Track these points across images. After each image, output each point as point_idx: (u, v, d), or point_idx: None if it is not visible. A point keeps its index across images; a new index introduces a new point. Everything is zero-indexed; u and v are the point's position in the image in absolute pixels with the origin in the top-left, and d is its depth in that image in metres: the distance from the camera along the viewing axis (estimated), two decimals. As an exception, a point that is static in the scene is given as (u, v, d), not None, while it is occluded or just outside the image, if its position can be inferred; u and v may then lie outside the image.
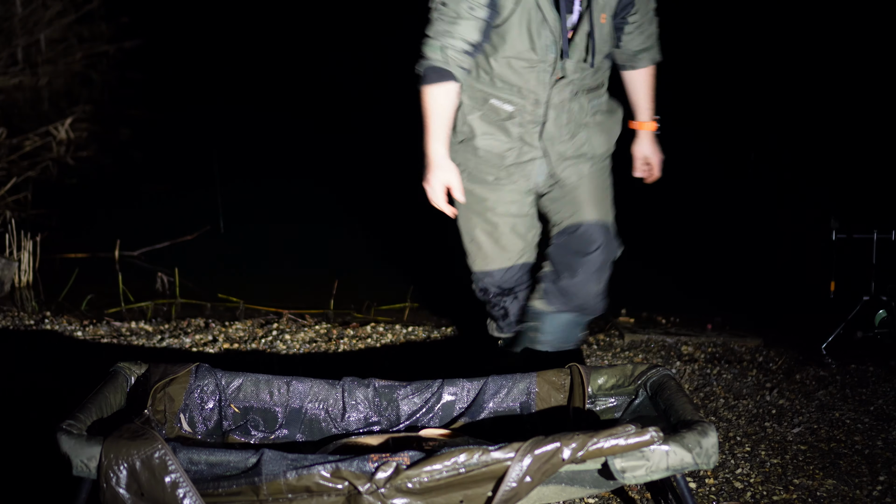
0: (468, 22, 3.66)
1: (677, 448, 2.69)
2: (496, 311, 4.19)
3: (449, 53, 3.68)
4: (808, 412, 4.18)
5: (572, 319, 4.03)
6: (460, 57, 3.70)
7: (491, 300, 4.17)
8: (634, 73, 4.08)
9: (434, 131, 3.75)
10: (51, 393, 4.28)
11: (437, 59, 3.70)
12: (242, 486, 2.68)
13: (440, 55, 3.69)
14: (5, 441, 3.81)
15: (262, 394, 3.32)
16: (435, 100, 3.73)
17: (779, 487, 3.53)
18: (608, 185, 4.08)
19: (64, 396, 4.18)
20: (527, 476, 2.66)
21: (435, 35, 3.70)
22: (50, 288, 5.95)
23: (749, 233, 6.79)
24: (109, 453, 2.67)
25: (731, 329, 5.23)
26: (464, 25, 3.66)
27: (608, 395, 3.28)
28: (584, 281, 3.94)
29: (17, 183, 7.80)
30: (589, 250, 3.93)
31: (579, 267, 3.94)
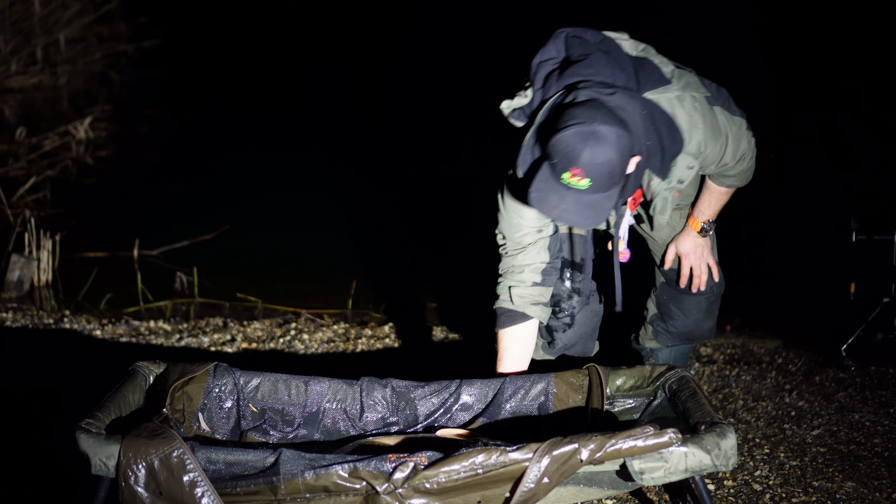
0: (533, 247, 3.54)
1: (696, 450, 2.68)
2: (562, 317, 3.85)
3: (514, 293, 3.54)
4: (828, 414, 4.16)
5: (687, 348, 4.10)
6: (529, 293, 3.55)
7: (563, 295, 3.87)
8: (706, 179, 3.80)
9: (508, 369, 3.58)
10: (70, 391, 4.30)
11: (505, 301, 3.56)
12: (260, 486, 2.69)
13: (507, 296, 3.55)
14: (26, 439, 3.82)
15: (280, 393, 3.32)
16: (507, 342, 3.57)
17: (798, 490, 3.52)
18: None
19: (83, 395, 4.19)
20: (545, 477, 2.66)
21: (502, 272, 3.58)
22: (69, 287, 5.97)
23: (769, 234, 6.76)
24: (128, 452, 2.68)
25: (750, 330, 5.21)
26: (529, 252, 3.53)
27: (626, 396, 3.27)
28: (696, 321, 3.98)
29: (36, 182, 7.83)
30: (702, 295, 3.93)
31: (691, 308, 3.96)
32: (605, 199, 3.14)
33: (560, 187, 3.11)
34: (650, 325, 4.05)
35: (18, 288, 5.83)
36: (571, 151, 3.05)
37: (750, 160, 3.62)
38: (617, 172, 3.11)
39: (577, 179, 3.08)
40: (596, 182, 3.09)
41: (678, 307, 3.96)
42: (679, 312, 3.96)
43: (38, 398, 4.24)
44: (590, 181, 3.08)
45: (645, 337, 4.09)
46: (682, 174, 3.43)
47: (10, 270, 5.85)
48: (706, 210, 3.78)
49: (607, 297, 3.78)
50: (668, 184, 3.44)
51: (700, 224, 3.79)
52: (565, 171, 3.08)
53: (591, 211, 3.14)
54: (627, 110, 3.16)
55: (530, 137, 3.30)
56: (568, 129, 3.06)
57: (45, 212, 7.34)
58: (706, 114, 3.42)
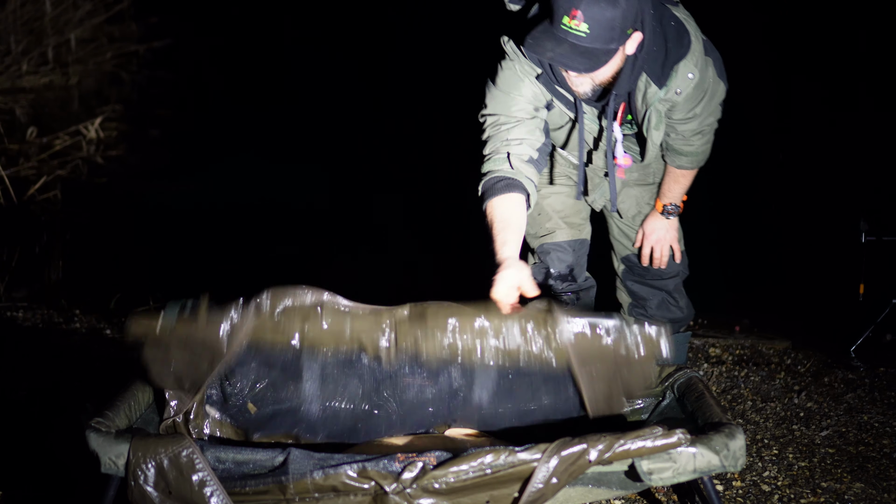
0: (529, 122, 3.40)
1: (704, 450, 2.69)
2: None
3: (514, 160, 3.35)
4: (837, 415, 4.16)
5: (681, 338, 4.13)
6: (528, 167, 3.38)
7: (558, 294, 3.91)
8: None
9: (505, 242, 3.25)
10: (79, 390, 4.31)
11: (503, 169, 3.34)
12: (269, 485, 2.69)
13: (505, 164, 3.35)
14: (35, 438, 3.83)
15: (288, 392, 3.33)
16: (500, 212, 3.30)
17: (806, 491, 3.52)
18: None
19: (92, 394, 4.20)
20: (553, 477, 2.66)
21: (494, 147, 3.39)
22: (79, 286, 5.98)
23: (778, 234, 6.76)
24: (137, 451, 2.69)
25: (759, 331, 5.21)
26: (525, 126, 3.39)
27: (635, 397, 3.28)
28: (672, 297, 4.04)
29: (47, 182, 7.85)
30: (665, 275, 4.00)
31: (661, 289, 4.03)
32: (602, 52, 3.09)
33: (558, 31, 3.07)
34: (631, 317, 4.02)
35: (29, 287, 5.85)
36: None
37: (707, 137, 3.63)
38: (618, 27, 3.06)
39: (576, 24, 3.03)
40: (594, 30, 3.04)
41: (648, 286, 4.01)
42: (650, 292, 4.01)
43: (48, 397, 4.25)
44: (588, 27, 3.03)
45: None
46: (680, 84, 3.34)
47: (21, 270, 5.87)
48: (668, 192, 3.83)
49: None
50: (665, 93, 3.35)
51: (663, 205, 3.85)
52: (566, 13, 3.03)
53: (585, 58, 3.09)
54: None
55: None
56: None
57: (55, 211, 7.36)
58: (702, 52, 3.39)
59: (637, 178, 3.85)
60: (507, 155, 3.35)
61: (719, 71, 3.46)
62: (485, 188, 3.36)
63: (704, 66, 3.38)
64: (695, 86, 3.37)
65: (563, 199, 3.87)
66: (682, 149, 3.63)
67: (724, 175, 7.86)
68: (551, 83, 3.41)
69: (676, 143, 3.61)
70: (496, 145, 3.39)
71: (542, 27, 3.11)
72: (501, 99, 3.40)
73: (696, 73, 3.34)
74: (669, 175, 3.80)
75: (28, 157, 8.63)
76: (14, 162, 8.34)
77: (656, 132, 3.46)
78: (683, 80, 3.34)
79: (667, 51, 3.30)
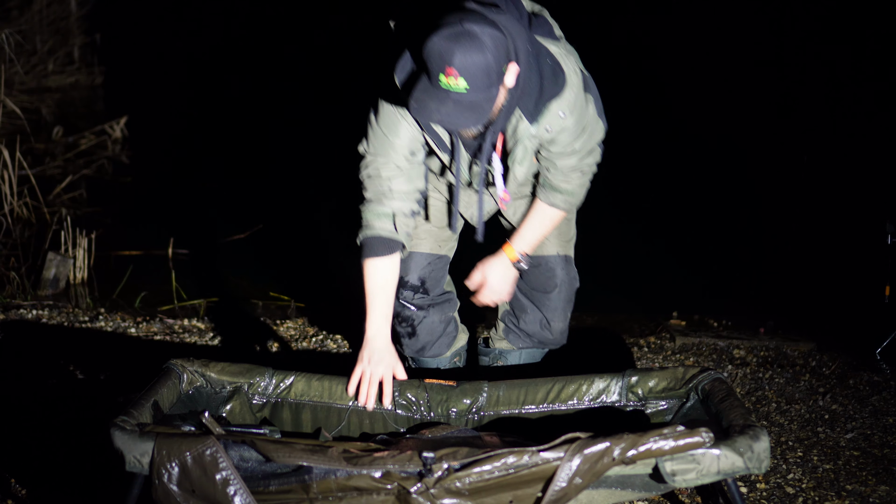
0: (408, 172, 3.39)
1: (729, 452, 2.68)
2: (403, 326, 3.84)
3: (398, 221, 3.40)
4: (862, 417, 4.14)
5: (537, 352, 3.98)
6: (407, 223, 3.42)
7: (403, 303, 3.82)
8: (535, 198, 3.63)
9: (378, 309, 3.42)
10: (105, 388, 4.33)
11: (386, 229, 3.39)
12: (293, 485, 2.70)
13: (389, 223, 3.39)
14: (61, 436, 3.85)
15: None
16: (381, 275, 3.41)
17: (831, 493, 3.50)
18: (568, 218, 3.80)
19: (117, 392, 4.23)
20: (576, 477, 2.66)
21: (374, 196, 3.40)
22: (104, 285, 6.01)
23: (803, 235, 6.73)
24: (162, 450, 2.70)
25: (783, 333, 5.18)
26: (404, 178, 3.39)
27: (659, 399, 3.27)
28: (548, 319, 3.86)
29: (72, 181, 7.89)
30: (549, 288, 3.81)
31: (542, 306, 3.84)
32: (485, 100, 3.07)
33: (439, 91, 3.05)
34: (501, 322, 3.97)
35: (54, 285, 5.88)
36: (444, 52, 2.99)
37: (585, 178, 3.53)
38: (493, 71, 3.04)
39: (454, 81, 3.02)
40: (473, 83, 3.03)
41: (530, 300, 3.85)
42: (531, 306, 3.86)
43: (73, 395, 4.27)
44: (466, 82, 3.02)
45: (495, 337, 3.99)
46: (551, 122, 3.30)
47: (47, 268, 5.90)
48: (527, 235, 3.61)
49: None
50: (536, 129, 3.31)
51: (516, 254, 3.61)
52: (441, 72, 3.02)
53: (471, 112, 3.07)
54: (509, 29, 3.11)
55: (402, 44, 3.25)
56: (438, 32, 3.01)
57: (81, 210, 7.39)
58: (581, 89, 3.35)
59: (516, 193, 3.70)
60: (393, 215, 3.39)
61: (599, 109, 3.43)
62: (365, 243, 3.42)
63: (584, 103, 3.34)
64: (574, 122, 3.33)
65: (433, 213, 3.75)
66: (560, 185, 3.51)
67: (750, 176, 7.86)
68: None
69: (555, 178, 3.49)
70: (378, 192, 3.40)
71: (422, 86, 3.09)
72: (382, 141, 3.37)
73: (567, 113, 3.30)
74: (536, 214, 3.59)
75: (54, 157, 8.67)
76: (40, 161, 8.38)
77: (520, 167, 3.40)
78: (555, 118, 3.30)
79: (541, 88, 3.26)
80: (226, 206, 7.77)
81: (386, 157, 3.37)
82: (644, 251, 6.77)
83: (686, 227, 7.15)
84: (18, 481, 3.49)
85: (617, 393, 3.30)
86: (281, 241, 7.00)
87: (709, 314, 5.50)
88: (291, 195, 7.93)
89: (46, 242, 6.34)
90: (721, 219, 7.25)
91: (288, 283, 6.06)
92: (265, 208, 7.50)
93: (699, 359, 4.81)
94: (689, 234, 7.03)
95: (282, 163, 8.85)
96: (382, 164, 3.38)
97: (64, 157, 8.71)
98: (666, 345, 5.00)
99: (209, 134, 10.08)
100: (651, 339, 5.07)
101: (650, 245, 6.87)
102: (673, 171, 8.14)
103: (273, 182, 8.35)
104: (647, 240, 6.94)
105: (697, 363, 4.72)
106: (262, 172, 8.63)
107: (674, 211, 7.45)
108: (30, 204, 7.04)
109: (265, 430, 3.04)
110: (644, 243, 6.90)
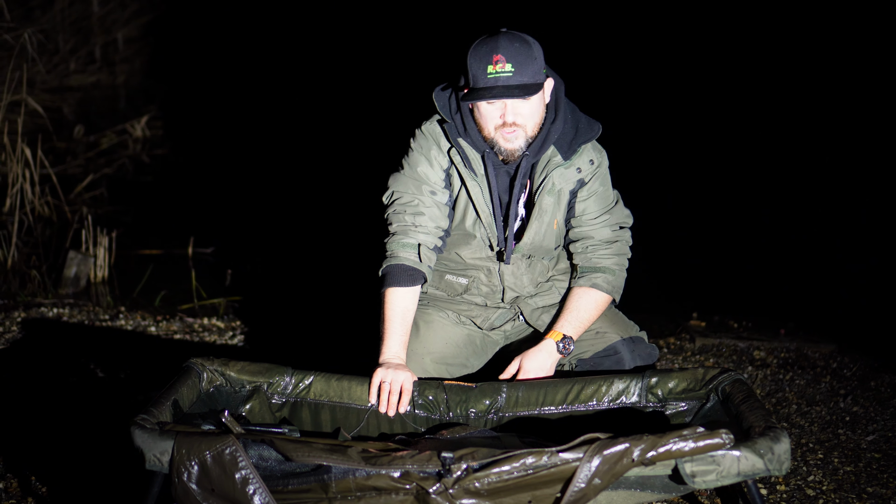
0: (432, 211, 3.44)
1: (749, 453, 2.66)
2: None
3: (423, 252, 3.44)
4: (883, 420, 4.12)
5: None
6: (432, 256, 3.47)
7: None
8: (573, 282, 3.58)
9: (395, 337, 3.41)
10: (125, 387, 4.34)
11: (411, 259, 3.43)
12: (312, 484, 2.70)
13: (414, 253, 3.44)
14: (82, 434, 3.87)
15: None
16: (401, 303, 3.43)
17: (851, 496, 3.49)
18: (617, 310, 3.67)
19: (138, 391, 4.24)
20: (596, 477, 2.65)
21: (398, 230, 3.46)
22: (124, 284, 6.03)
23: (825, 237, 6.71)
24: (181, 448, 2.70)
25: (804, 334, 5.17)
26: (430, 215, 3.44)
27: (679, 399, 3.26)
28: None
29: (93, 179, 7.93)
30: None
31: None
32: (532, 85, 3.26)
33: (488, 81, 3.24)
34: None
35: (75, 284, 5.90)
36: (489, 44, 3.25)
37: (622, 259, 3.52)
38: (537, 60, 3.27)
39: (501, 66, 3.23)
40: (518, 66, 3.24)
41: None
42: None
43: (94, 393, 4.29)
44: (512, 66, 3.23)
45: None
46: (583, 163, 3.42)
47: (68, 267, 5.92)
48: (573, 319, 3.49)
49: None
50: (567, 167, 3.39)
51: (561, 335, 3.46)
52: (489, 63, 3.23)
53: (518, 89, 3.25)
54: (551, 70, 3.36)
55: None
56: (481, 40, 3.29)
57: (101, 209, 7.43)
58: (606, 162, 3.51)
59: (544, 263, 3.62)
60: (418, 246, 3.44)
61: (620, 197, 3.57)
62: (389, 271, 3.45)
63: (603, 158, 3.49)
64: (604, 173, 3.46)
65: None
66: (600, 263, 3.48)
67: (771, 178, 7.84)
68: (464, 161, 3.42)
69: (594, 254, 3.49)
70: (403, 226, 3.46)
71: (472, 87, 3.28)
72: (406, 181, 3.46)
73: (597, 159, 3.44)
74: (578, 297, 3.50)
75: (75, 156, 8.72)
76: (62, 160, 8.42)
77: (549, 197, 3.42)
78: (586, 160, 3.42)
79: (577, 130, 3.41)
80: (245, 205, 7.78)
81: (411, 195, 3.45)
82: (664, 252, 6.76)
83: (706, 228, 7.13)
84: (39, 479, 3.51)
85: (636, 394, 3.29)
86: (300, 239, 7.01)
87: (729, 315, 5.49)
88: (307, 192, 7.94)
89: (67, 241, 6.37)
90: (742, 219, 7.23)
91: (309, 283, 6.07)
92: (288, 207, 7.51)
93: (719, 360, 4.80)
94: (710, 234, 7.02)
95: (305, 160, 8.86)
96: (408, 202, 3.46)
97: (85, 156, 8.75)
98: (686, 346, 4.99)
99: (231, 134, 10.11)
100: (671, 339, 5.07)
101: (670, 245, 6.86)
102: (695, 171, 8.12)
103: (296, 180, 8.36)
104: (667, 240, 6.93)
105: (717, 364, 4.71)
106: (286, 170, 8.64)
107: (694, 211, 7.44)
108: (51, 202, 7.07)
109: (284, 429, 3.05)
110: (664, 244, 6.89)
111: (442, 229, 3.48)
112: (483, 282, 3.57)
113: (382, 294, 3.45)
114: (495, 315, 3.60)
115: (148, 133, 9.63)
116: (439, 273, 3.60)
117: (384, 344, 3.41)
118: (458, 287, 3.59)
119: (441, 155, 3.44)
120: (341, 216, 7.50)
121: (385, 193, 3.51)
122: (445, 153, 3.44)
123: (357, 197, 7.93)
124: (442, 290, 3.61)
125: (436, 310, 3.59)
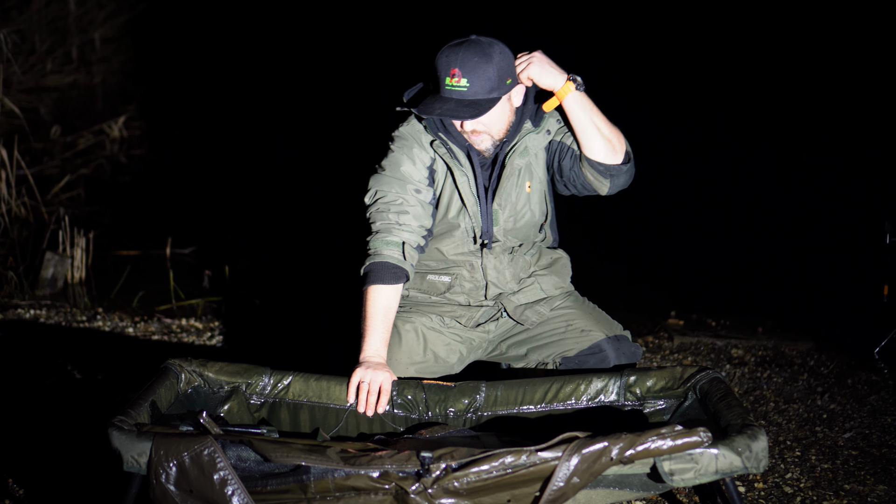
0: (415, 209, 3.46)
1: (727, 451, 2.67)
2: None
3: (407, 250, 3.44)
4: (860, 417, 4.14)
5: None
6: (414, 254, 3.47)
7: None
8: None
9: (377, 334, 3.41)
10: (102, 388, 4.33)
11: (394, 256, 3.43)
12: (290, 484, 2.70)
13: (398, 251, 3.44)
14: (59, 435, 3.85)
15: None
16: (383, 300, 3.42)
17: (829, 493, 3.50)
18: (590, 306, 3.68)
19: (115, 392, 4.23)
20: (574, 476, 2.65)
21: (382, 228, 3.46)
22: (102, 284, 6.01)
23: (801, 236, 6.74)
24: (159, 449, 2.69)
25: (781, 332, 5.19)
26: (413, 214, 3.45)
27: (657, 398, 3.27)
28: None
29: (70, 180, 7.90)
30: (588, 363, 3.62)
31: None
32: (485, 102, 3.29)
33: (444, 93, 3.30)
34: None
35: (52, 285, 5.88)
36: (450, 55, 3.28)
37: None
38: (494, 77, 3.28)
39: (457, 81, 3.27)
40: (473, 83, 3.28)
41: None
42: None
43: (71, 394, 4.27)
44: (467, 81, 3.27)
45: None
46: (550, 125, 3.47)
47: (45, 268, 5.90)
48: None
49: None
50: (537, 132, 3.46)
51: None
52: (447, 75, 3.28)
53: (471, 108, 3.29)
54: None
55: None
56: (447, 45, 3.32)
57: (79, 210, 7.40)
58: None
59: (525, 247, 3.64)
60: (402, 244, 3.45)
61: None
62: (372, 268, 3.45)
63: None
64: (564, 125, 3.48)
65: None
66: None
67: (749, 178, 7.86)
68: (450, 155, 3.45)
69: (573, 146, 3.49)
70: (387, 224, 3.46)
71: (431, 95, 3.35)
72: (388, 180, 3.48)
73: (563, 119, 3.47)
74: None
75: (52, 156, 8.68)
76: (38, 160, 8.38)
77: (521, 159, 3.45)
78: (554, 122, 3.49)
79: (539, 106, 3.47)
80: (223, 207, 7.77)
81: (395, 194, 3.46)
82: (642, 250, 6.78)
83: (684, 227, 7.15)
84: (16, 481, 3.49)
85: (615, 392, 3.30)
86: (277, 241, 7.00)
87: (707, 314, 5.51)
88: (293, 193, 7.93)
89: (44, 242, 6.35)
90: (719, 219, 7.26)
91: (287, 284, 6.06)
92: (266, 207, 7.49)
93: (697, 358, 4.81)
94: (687, 233, 7.04)
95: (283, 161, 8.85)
96: (391, 201, 3.47)
97: (62, 157, 8.72)
98: (664, 344, 5.00)
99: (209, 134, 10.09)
100: (649, 338, 5.08)
101: (648, 244, 6.88)
102: (672, 171, 8.14)
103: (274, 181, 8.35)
104: (646, 239, 6.94)
105: (695, 362, 4.73)
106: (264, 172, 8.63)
107: (672, 210, 7.46)
108: (28, 203, 7.04)
109: (263, 429, 3.04)
110: (642, 242, 6.91)
111: (425, 228, 3.49)
112: (466, 278, 3.58)
113: (364, 291, 3.45)
114: (479, 313, 3.60)
115: (125, 133, 9.59)
116: (420, 274, 3.61)
117: (365, 341, 3.41)
118: (441, 286, 3.60)
119: (423, 151, 3.47)
120: (320, 217, 7.49)
121: (367, 193, 3.51)
122: (428, 147, 3.46)
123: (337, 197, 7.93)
124: (424, 291, 3.62)
125: (418, 315, 3.59)
